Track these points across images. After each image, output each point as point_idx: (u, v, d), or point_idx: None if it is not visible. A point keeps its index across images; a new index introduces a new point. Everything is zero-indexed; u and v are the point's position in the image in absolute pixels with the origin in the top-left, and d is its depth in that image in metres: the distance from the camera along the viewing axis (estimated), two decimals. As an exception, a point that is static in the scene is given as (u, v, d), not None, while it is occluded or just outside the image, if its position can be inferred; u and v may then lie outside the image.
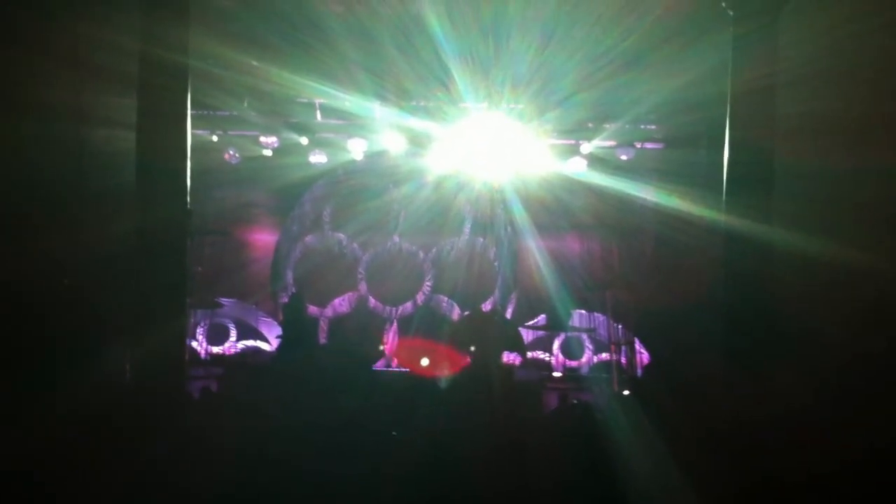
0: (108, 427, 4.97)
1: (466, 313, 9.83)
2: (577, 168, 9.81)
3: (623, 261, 10.08)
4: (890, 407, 5.07)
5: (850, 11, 5.70)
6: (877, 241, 5.72)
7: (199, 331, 10.40)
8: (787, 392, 5.29)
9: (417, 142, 9.70)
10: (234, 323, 10.66)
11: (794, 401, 5.19)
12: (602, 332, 9.95)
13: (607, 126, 9.46)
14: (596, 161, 9.88)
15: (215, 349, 10.54)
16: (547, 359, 10.30)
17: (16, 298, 5.69)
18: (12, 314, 5.56)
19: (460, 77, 8.23)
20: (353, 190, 10.67)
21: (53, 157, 6.39)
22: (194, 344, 10.30)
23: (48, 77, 6.26)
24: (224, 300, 10.40)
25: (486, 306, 10.32)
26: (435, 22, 7.18)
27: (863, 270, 5.61)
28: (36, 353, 5.39)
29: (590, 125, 9.62)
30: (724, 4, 5.85)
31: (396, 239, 10.80)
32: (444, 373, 7.97)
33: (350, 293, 10.76)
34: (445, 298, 10.68)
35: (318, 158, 10.01)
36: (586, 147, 9.77)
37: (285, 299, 10.12)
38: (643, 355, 9.39)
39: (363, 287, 10.78)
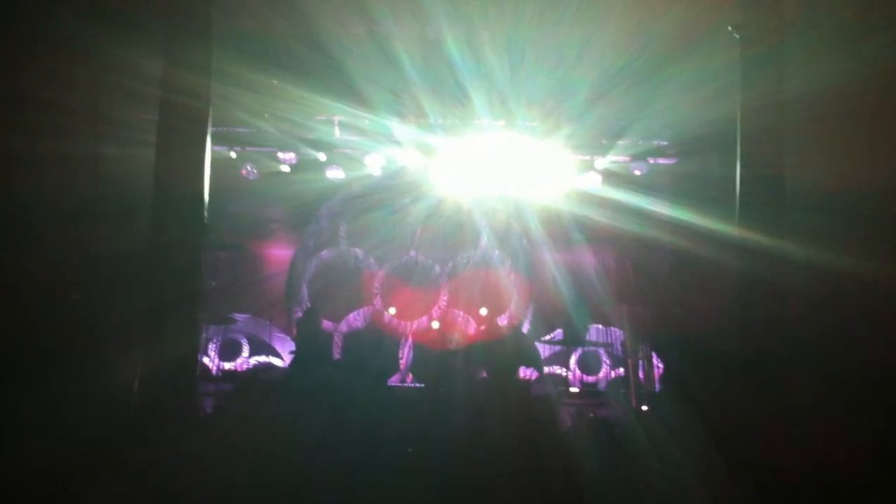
0: (117, 441, 5.04)
1: (482, 328, 9.85)
2: (592, 183, 9.87)
3: (638, 275, 10.05)
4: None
5: (856, 31, 5.80)
6: (890, 253, 5.73)
7: (212, 346, 10.23)
8: (803, 403, 5.39)
9: (434, 158, 9.75)
10: (247, 338, 10.51)
11: (811, 412, 5.31)
12: (619, 346, 9.89)
13: (621, 142, 9.56)
14: (610, 176, 9.93)
15: (227, 365, 10.37)
16: (564, 374, 10.21)
17: (29, 311, 5.82)
18: (25, 327, 5.70)
19: (477, 95, 8.36)
20: (370, 205, 10.68)
21: (71, 173, 6.51)
22: (206, 360, 10.12)
23: (69, 97, 6.40)
24: (238, 315, 10.35)
25: (503, 321, 10.27)
26: (452, 42, 7.33)
27: (876, 282, 5.76)
28: (47, 366, 5.53)
29: (604, 141, 9.70)
30: (729, 28, 5.93)
31: (413, 254, 10.79)
32: (455, 339, 7.92)
33: (365, 308, 10.74)
34: (461, 313, 10.65)
35: (335, 174, 10.07)
36: (601, 162, 9.84)
37: (299, 314, 10.07)
38: (660, 369, 9.33)
39: (378, 302, 10.75)
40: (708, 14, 6.46)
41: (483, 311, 10.52)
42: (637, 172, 9.86)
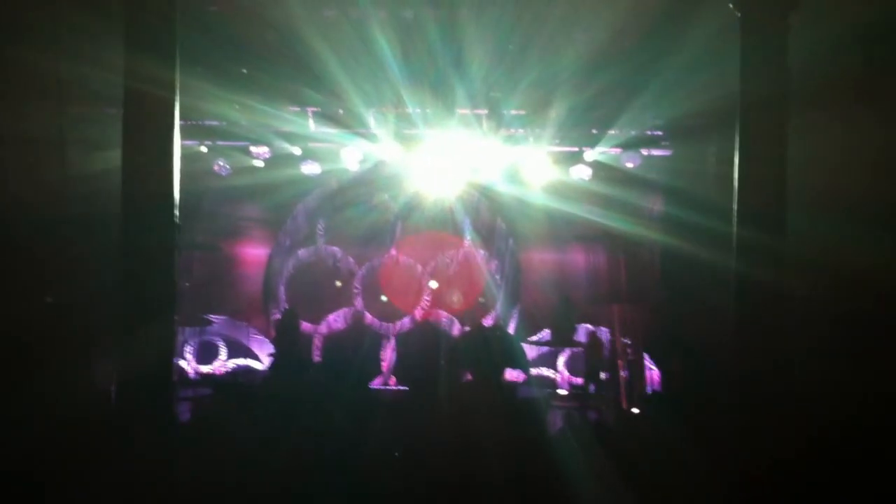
0: (93, 447, 4.89)
1: (467, 329, 9.61)
2: (581, 176, 9.58)
3: (630, 273, 9.86)
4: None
5: (871, 15, 5.54)
6: (892, 252, 5.56)
7: (188, 349, 10.21)
8: (800, 409, 5.18)
9: (414, 151, 9.47)
10: (225, 341, 10.43)
11: (809, 418, 5.12)
12: (609, 347, 9.73)
13: (612, 132, 9.24)
14: (601, 169, 9.64)
15: (205, 368, 10.32)
16: (552, 376, 10.13)
17: (2, 315, 5.60)
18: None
19: (458, 81, 8.04)
20: (348, 202, 10.48)
21: (37, 174, 6.30)
22: (182, 363, 10.05)
23: (31, 94, 6.18)
24: (213, 317, 10.19)
25: (488, 321, 10.10)
26: (432, 26, 7.04)
27: (877, 281, 5.53)
28: (19, 372, 5.41)
29: (594, 131, 9.39)
30: (730, 5, 5.69)
31: (393, 252, 10.60)
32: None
33: (345, 309, 10.56)
34: (445, 314, 10.47)
35: (311, 169, 9.81)
36: (590, 154, 9.54)
37: (277, 316, 9.92)
38: (652, 372, 9.18)
39: (359, 303, 10.57)
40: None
41: (467, 312, 10.33)
42: (629, 165, 9.55)
